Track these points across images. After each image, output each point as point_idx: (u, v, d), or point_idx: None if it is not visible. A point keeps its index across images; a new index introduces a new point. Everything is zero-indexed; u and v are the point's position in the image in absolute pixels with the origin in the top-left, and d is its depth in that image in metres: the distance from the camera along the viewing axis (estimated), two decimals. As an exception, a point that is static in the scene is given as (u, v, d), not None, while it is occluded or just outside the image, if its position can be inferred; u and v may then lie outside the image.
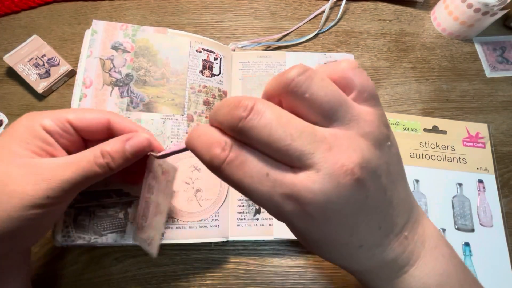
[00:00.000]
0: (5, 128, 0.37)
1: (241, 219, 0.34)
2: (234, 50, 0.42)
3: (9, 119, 0.38)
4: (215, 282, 0.33)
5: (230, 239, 0.34)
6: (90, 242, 0.30)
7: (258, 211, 0.35)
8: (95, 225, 0.30)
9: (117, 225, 0.31)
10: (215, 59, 0.39)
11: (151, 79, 0.35)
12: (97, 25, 0.35)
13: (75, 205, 0.30)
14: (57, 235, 0.29)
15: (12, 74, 0.39)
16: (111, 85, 0.34)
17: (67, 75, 0.40)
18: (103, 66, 0.34)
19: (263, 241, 0.35)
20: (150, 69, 0.35)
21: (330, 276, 0.34)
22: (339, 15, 0.47)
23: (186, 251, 0.34)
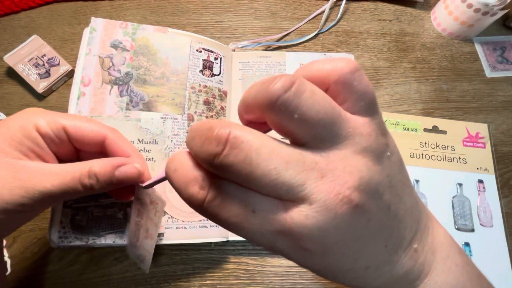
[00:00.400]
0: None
1: (241, 219, 0.34)
2: (234, 50, 0.42)
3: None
4: (215, 282, 0.33)
5: (230, 239, 0.34)
6: (88, 243, 0.29)
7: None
8: (93, 225, 0.30)
9: (116, 225, 0.30)
10: (215, 59, 0.39)
11: (151, 78, 0.35)
12: (96, 23, 0.35)
13: (72, 205, 0.29)
14: (53, 236, 0.28)
15: (12, 74, 0.39)
16: (110, 84, 0.34)
17: (67, 75, 0.39)
18: (102, 64, 0.34)
19: (263, 241, 0.35)
20: (150, 68, 0.35)
21: (330, 276, 0.34)
22: (339, 15, 0.47)
23: (186, 251, 0.34)
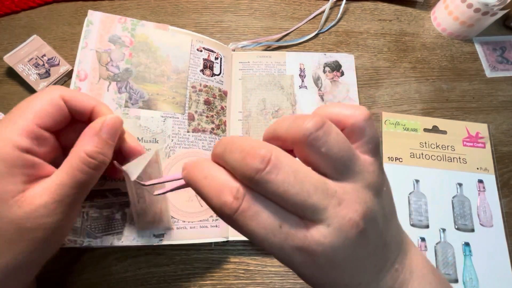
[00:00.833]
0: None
1: (241, 219, 0.34)
2: (234, 50, 0.42)
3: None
4: (215, 282, 0.33)
5: (230, 239, 0.34)
6: (82, 245, 0.28)
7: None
8: (88, 227, 0.29)
9: (113, 226, 0.29)
10: (216, 58, 0.39)
11: (151, 76, 0.34)
12: (93, 16, 0.34)
13: None
14: None
15: (12, 74, 0.39)
16: (108, 80, 0.33)
17: (67, 75, 0.39)
18: (99, 59, 0.33)
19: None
20: (150, 65, 0.35)
21: (330, 276, 0.34)
22: (339, 15, 0.47)
23: (186, 251, 0.34)
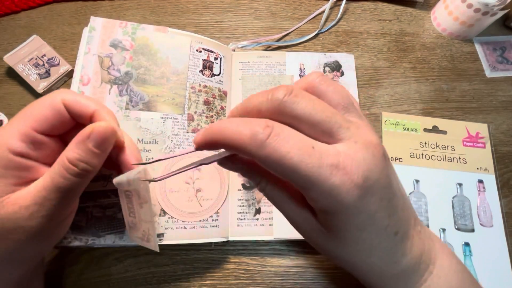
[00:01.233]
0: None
1: (241, 219, 0.34)
2: (234, 50, 0.42)
3: (9, 119, 0.38)
4: (215, 282, 0.33)
5: (230, 239, 0.34)
6: (87, 243, 0.29)
7: (258, 211, 0.35)
8: (93, 226, 0.30)
9: (115, 226, 0.30)
10: (215, 59, 0.39)
11: (151, 78, 0.35)
12: (95, 22, 0.35)
13: None
14: None
15: (12, 74, 0.39)
16: (110, 83, 0.34)
17: (67, 75, 0.39)
18: (101, 63, 0.34)
19: (263, 241, 0.35)
20: (150, 67, 0.35)
21: (330, 276, 0.34)
22: (339, 15, 0.47)
23: (186, 251, 0.34)
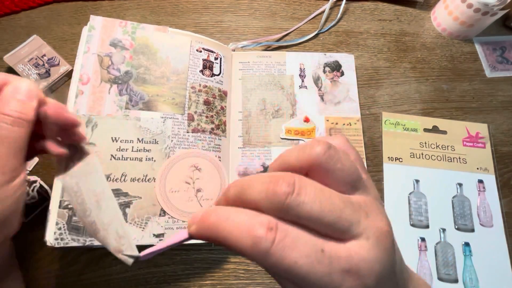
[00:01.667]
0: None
1: (241, 219, 0.34)
2: (234, 50, 0.42)
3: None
4: (215, 282, 0.33)
5: (230, 239, 0.34)
6: (85, 244, 0.29)
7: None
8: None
9: None
10: (215, 58, 0.39)
11: (151, 78, 0.35)
12: (95, 21, 0.35)
13: (68, 206, 0.29)
14: (49, 238, 0.28)
15: (12, 74, 0.39)
16: (110, 83, 0.33)
17: (67, 75, 0.39)
18: (101, 62, 0.34)
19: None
20: (150, 67, 0.35)
21: (330, 276, 0.34)
22: (339, 15, 0.47)
23: (186, 251, 0.34)
